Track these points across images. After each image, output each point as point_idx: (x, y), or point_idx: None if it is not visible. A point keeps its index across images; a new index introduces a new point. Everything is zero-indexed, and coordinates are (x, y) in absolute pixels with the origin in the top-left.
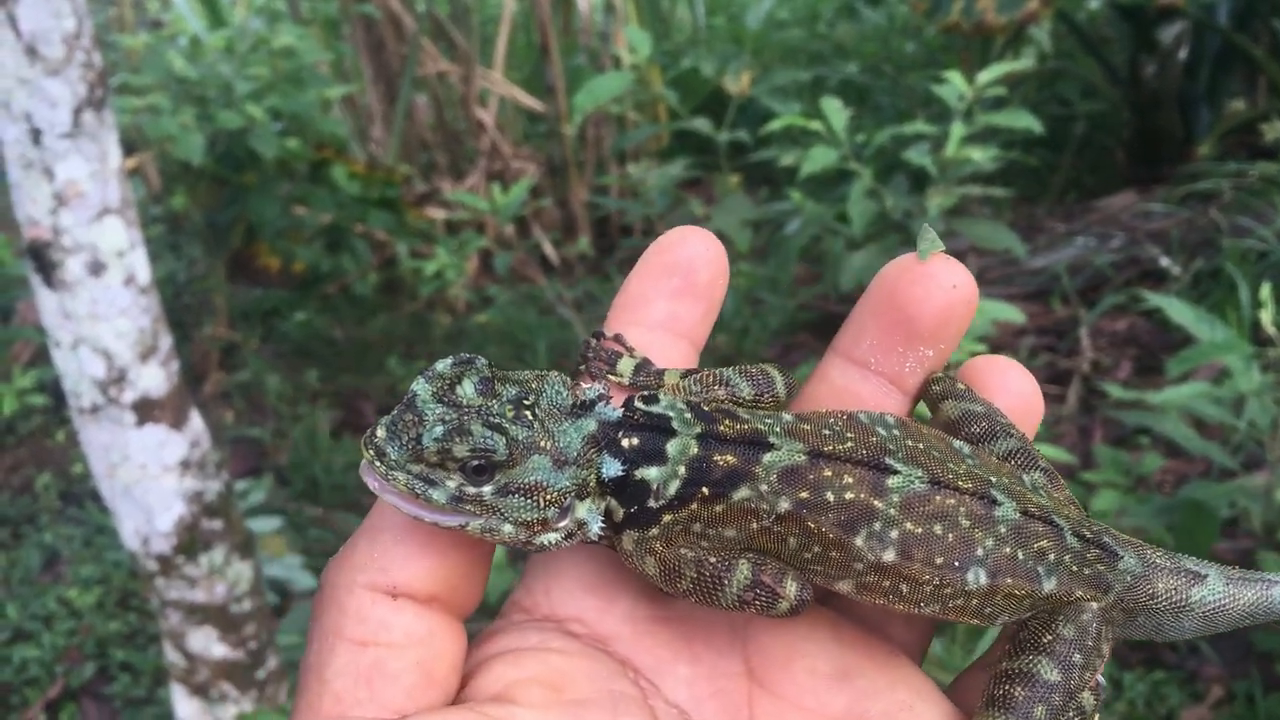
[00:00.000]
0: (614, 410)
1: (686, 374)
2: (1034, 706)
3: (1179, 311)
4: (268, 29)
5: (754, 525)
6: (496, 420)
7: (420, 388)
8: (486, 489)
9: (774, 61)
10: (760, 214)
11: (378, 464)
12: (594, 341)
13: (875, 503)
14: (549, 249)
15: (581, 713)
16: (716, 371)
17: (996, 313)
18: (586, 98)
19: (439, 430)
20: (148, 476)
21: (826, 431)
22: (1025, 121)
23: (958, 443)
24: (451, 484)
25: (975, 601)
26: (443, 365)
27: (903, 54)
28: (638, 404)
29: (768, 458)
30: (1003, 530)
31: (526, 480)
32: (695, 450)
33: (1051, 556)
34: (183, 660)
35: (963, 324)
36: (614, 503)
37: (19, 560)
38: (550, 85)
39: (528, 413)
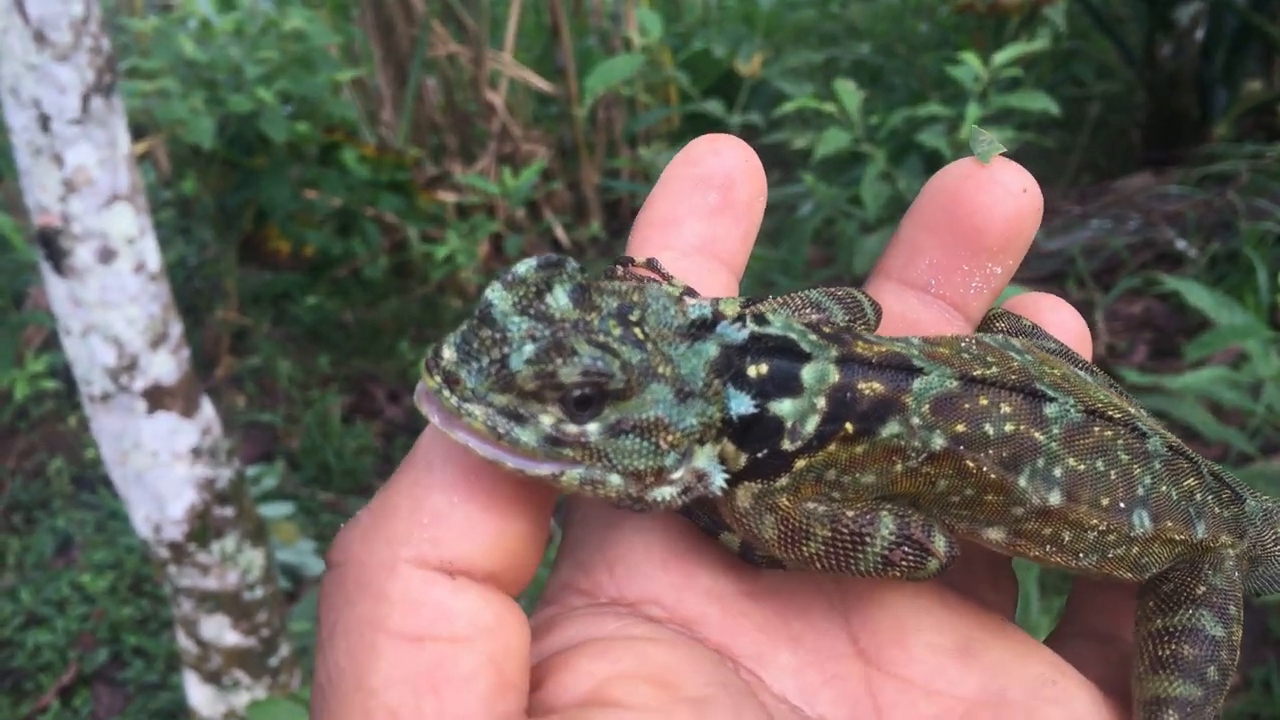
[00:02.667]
0: (739, 330)
1: (749, 302)
2: (1207, 667)
3: (1197, 295)
4: (277, 12)
5: (898, 467)
6: (600, 338)
7: (496, 296)
8: (592, 427)
9: (786, 43)
10: (772, 197)
11: (446, 394)
12: (620, 270)
13: (1037, 435)
14: (560, 232)
15: (706, 715)
16: (800, 294)
17: (1011, 295)
18: (597, 80)
19: (530, 349)
20: (159, 464)
21: (966, 355)
22: (1041, 103)
23: (1079, 370)
24: (546, 420)
25: (1135, 550)
26: (524, 268)
27: (916, 34)
28: (751, 324)
29: (917, 384)
30: (1157, 466)
31: (644, 416)
32: (836, 377)
33: (1198, 496)
34: (195, 647)
35: (1030, 236)
36: (731, 447)
37: (32, 545)
38: (561, 67)
39: (636, 330)
